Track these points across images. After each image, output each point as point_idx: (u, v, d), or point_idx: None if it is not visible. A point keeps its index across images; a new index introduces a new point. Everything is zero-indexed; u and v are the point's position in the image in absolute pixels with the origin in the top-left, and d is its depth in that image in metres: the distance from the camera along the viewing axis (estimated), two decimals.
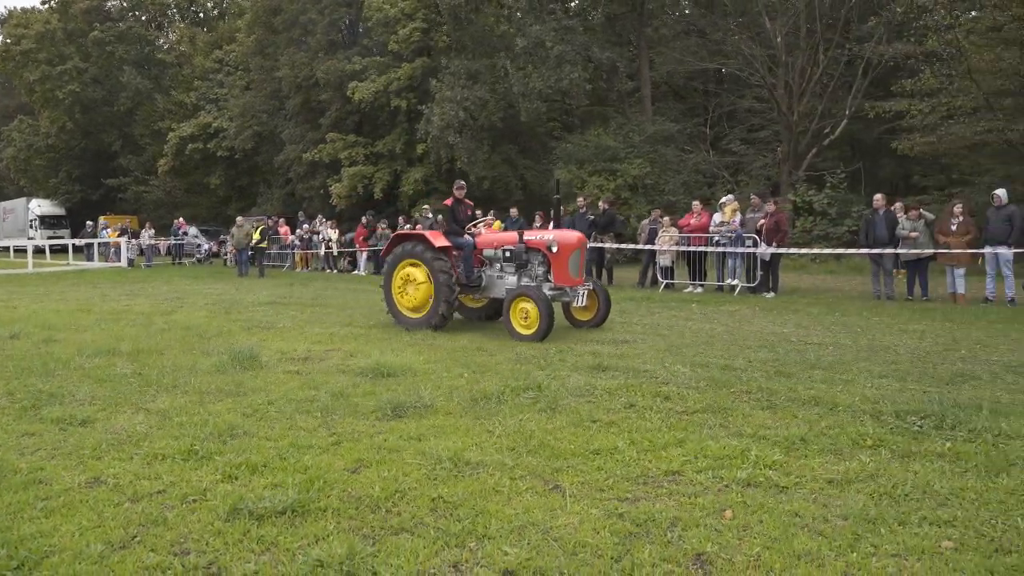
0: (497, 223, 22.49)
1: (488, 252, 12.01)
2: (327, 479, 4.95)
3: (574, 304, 11.60)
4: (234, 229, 28.25)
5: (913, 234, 15.14)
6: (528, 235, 11.70)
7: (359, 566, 3.75)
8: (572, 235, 11.58)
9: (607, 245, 19.05)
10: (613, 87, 33.90)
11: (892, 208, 16.14)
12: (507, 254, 11.66)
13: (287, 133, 41.86)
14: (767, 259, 16.31)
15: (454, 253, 11.87)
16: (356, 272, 27.33)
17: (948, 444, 5.43)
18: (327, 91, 38.62)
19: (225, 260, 35.28)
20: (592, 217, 19.36)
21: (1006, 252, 14.50)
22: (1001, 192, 15.02)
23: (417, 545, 3.99)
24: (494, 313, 12.80)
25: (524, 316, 10.67)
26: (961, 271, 15.01)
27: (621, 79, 33.08)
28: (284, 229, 32.97)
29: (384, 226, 27.03)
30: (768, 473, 4.95)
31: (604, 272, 19.46)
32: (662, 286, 18.06)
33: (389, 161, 38.02)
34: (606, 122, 33.13)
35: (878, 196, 16.24)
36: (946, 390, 7.19)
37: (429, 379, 7.95)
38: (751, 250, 16.54)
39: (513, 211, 22.45)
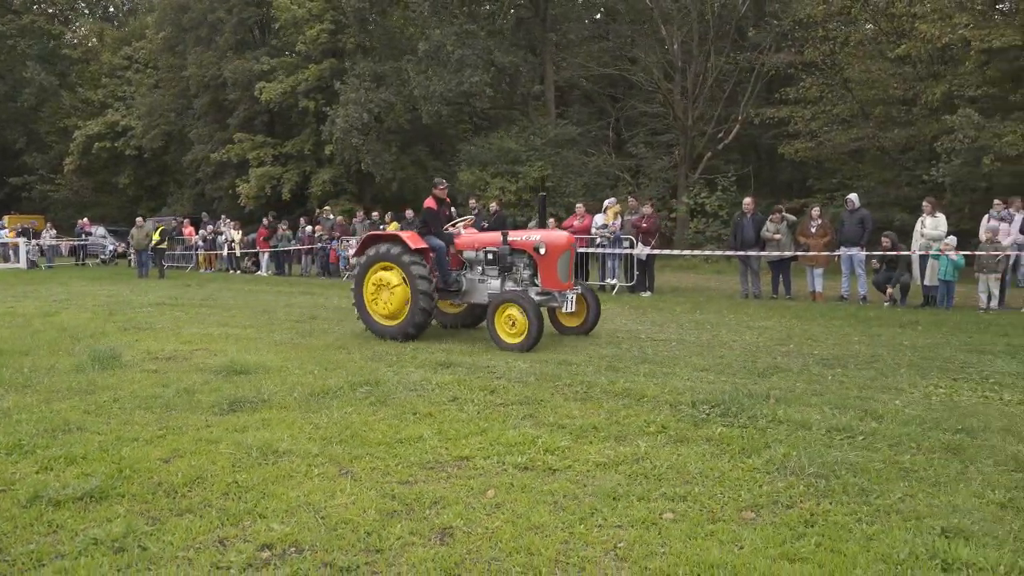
0: (394, 224, 22.82)
1: (468, 254, 11.21)
2: (136, 468, 5.25)
3: (562, 310, 10.78)
4: (134, 230, 28.00)
5: (776, 236, 15.95)
6: (513, 236, 10.88)
7: (131, 543, 4.10)
8: (561, 236, 10.86)
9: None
10: (517, 91, 34.49)
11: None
12: (490, 256, 10.90)
13: (195, 133, 41.58)
14: (644, 259, 16.97)
15: (431, 255, 11.02)
16: (259, 273, 27.34)
17: (721, 429, 5.97)
18: (235, 91, 38.51)
19: (130, 261, 34.84)
20: (485, 223, 19.77)
21: (859, 253, 15.40)
22: (853, 197, 15.96)
23: (195, 524, 4.34)
24: (474, 320, 12.16)
25: (511, 324, 9.95)
26: (819, 271, 15.93)
27: (525, 83, 33.69)
28: (189, 230, 32.75)
29: (285, 227, 27.14)
30: (547, 458, 5.40)
31: None
32: None
33: (298, 162, 38.10)
34: (510, 125, 33.72)
35: (747, 200, 17.03)
36: (751, 381, 7.78)
37: (279, 376, 8.25)
38: (627, 251, 17.19)
39: (408, 212, 22.79)
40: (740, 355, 9.50)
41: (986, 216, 15.10)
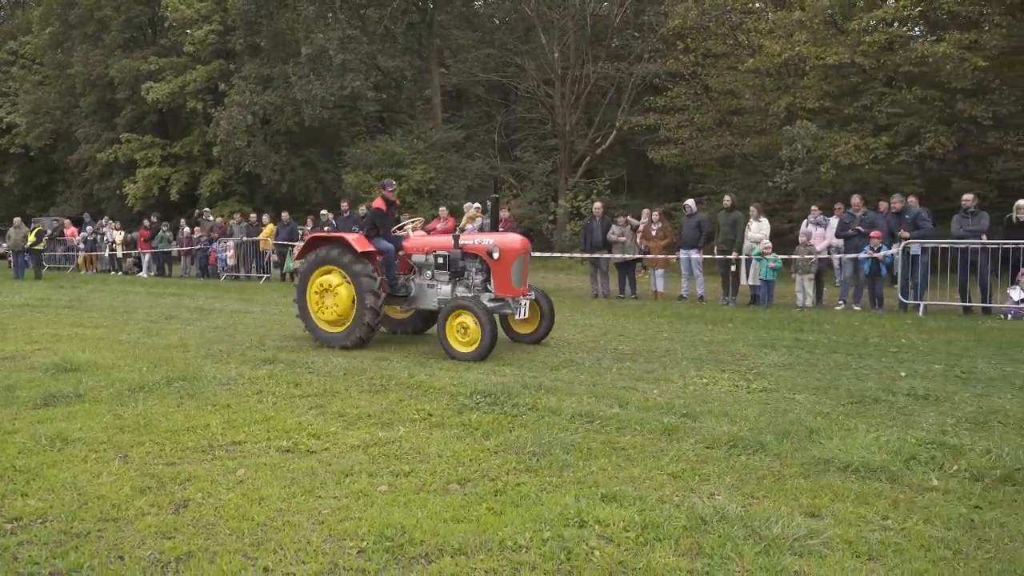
0: (269, 227, 23.16)
1: (417, 258, 10.76)
2: None
3: (515, 316, 10.33)
4: (11, 230, 27.65)
5: (621, 239, 16.91)
6: (464, 239, 10.53)
7: None
8: (515, 240, 10.49)
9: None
10: (402, 95, 35.06)
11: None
12: (440, 260, 10.46)
13: (82, 132, 40.95)
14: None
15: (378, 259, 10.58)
16: (140, 274, 27.29)
17: (478, 416, 6.68)
18: (123, 90, 38.12)
19: (10, 262, 34.24)
20: (355, 226, 20.33)
21: (696, 255, 16.47)
22: (690, 202, 17.08)
23: None
24: (422, 325, 11.86)
25: (463, 331, 9.56)
26: (660, 272, 16.96)
27: (410, 87, 34.30)
28: (71, 230, 32.39)
29: (166, 228, 27.18)
30: (310, 442, 6.01)
31: None
32: None
33: (187, 163, 37.97)
34: (398, 128, 34.28)
35: (597, 204, 18.00)
36: (540, 374, 8.53)
37: (105, 373, 8.61)
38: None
39: (284, 215, 23.17)
40: (547, 351, 10.29)
41: (804, 221, 16.32)
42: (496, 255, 10.09)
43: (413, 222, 12.00)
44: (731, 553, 3.90)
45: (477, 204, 19.08)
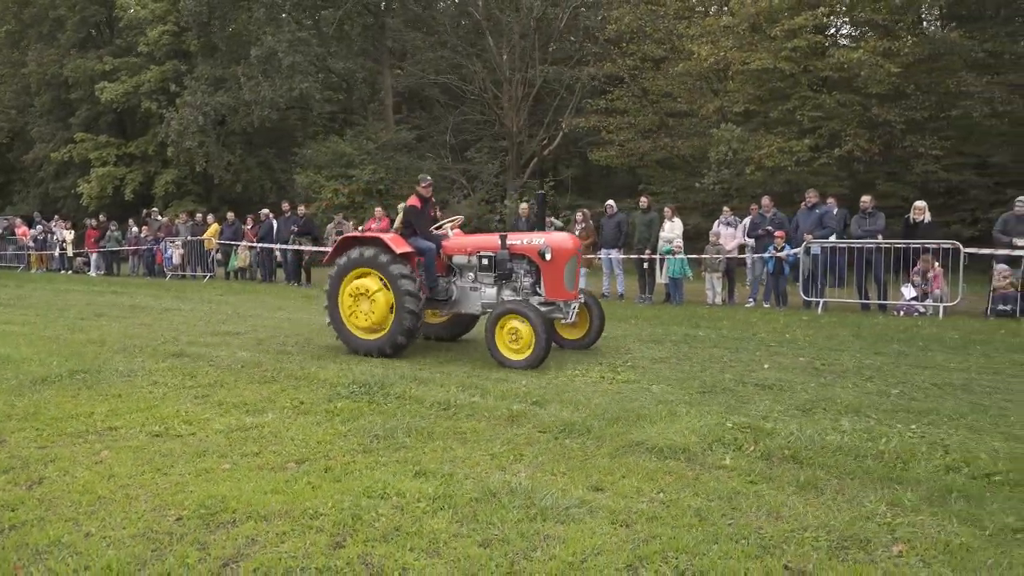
0: (214, 227, 23.51)
1: (459, 259, 10.19)
2: None
3: (563, 320, 9.82)
4: None
5: None
6: (512, 239, 9.90)
7: None
8: (567, 240, 9.94)
9: (305, 248, 20.56)
10: (354, 96, 35.49)
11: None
12: (485, 261, 9.89)
13: (36, 131, 41.02)
14: None
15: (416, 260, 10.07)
16: (89, 273, 27.52)
17: (345, 403, 7.18)
18: (77, 90, 38.26)
19: None
20: (294, 227, 20.82)
21: (616, 255, 17.05)
22: (611, 203, 17.65)
23: None
24: (459, 330, 11.29)
25: (514, 338, 9.01)
26: (583, 271, 17.49)
27: (361, 88, 34.74)
28: (22, 230, 32.49)
29: (114, 228, 27.43)
30: (180, 427, 6.48)
31: (303, 272, 20.91)
32: None
33: (142, 163, 38.15)
34: (351, 129, 34.71)
35: (523, 206, 18.52)
36: (425, 368, 9.06)
37: (16, 366, 8.99)
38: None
39: (230, 214, 23.53)
40: (447, 346, 10.82)
41: (716, 221, 16.95)
42: (548, 256, 9.49)
43: (453, 221, 11.25)
44: (496, 520, 4.42)
45: (402, 205, 19.49)
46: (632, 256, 16.94)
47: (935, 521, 4.41)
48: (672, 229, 16.28)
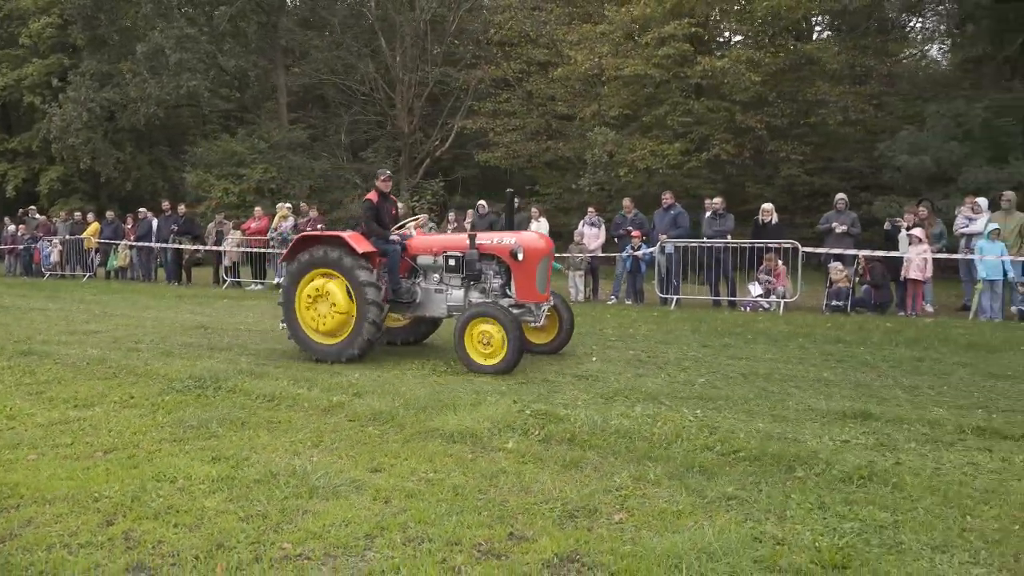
0: (94, 226, 23.24)
1: (424, 259, 9.74)
2: None
3: (532, 324, 9.43)
4: None
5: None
6: (482, 238, 9.49)
7: None
8: (540, 240, 9.62)
9: (185, 247, 20.54)
10: (246, 94, 35.34)
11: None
12: (452, 262, 9.48)
13: None
14: None
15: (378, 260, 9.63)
16: None
17: (174, 396, 7.47)
18: None
19: None
20: (174, 226, 20.78)
21: None
22: (482, 203, 18.17)
23: None
24: (420, 335, 10.88)
25: (485, 341, 8.65)
26: None
27: (255, 87, 34.60)
28: None
29: None
30: (2, 422, 6.72)
31: (184, 271, 20.88)
32: (226, 284, 19.74)
33: (26, 159, 37.23)
34: (241, 128, 34.54)
35: (400, 205, 18.86)
36: (269, 361, 9.37)
37: None
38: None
39: (109, 213, 23.29)
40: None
41: (580, 221, 17.60)
42: (520, 256, 9.10)
43: (416, 219, 10.75)
44: (264, 498, 4.79)
45: (289, 204, 19.74)
46: None
47: (667, 493, 4.92)
48: (539, 229, 16.83)
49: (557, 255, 16.60)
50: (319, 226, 18.68)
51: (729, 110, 22.31)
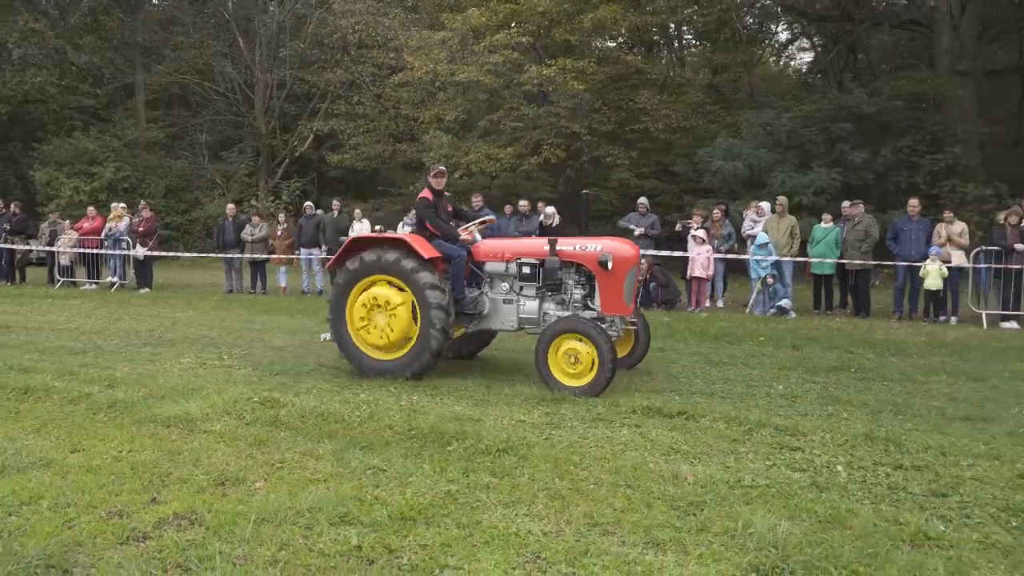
0: None
1: (493, 266, 8.82)
2: None
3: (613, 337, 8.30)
4: None
5: (249, 238, 18.30)
6: (563, 244, 8.50)
7: None
8: (627, 247, 8.56)
9: (18, 247, 20.42)
10: (100, 90, 34.89)
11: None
12: (527, 270, 8.55)
13: None
14: (141, 259, 18.68)
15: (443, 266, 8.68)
16: None
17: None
18: None
19: None
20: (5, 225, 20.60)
21: (317, 253, 18.06)
22: (309, 204, 18.78)
23: None
24: (477, 346, 10.06)
25: (572, 359, 7.84)
26: (284, 269, 18.53)
27: (108, 84, 34.21)
28: None
29: None
30: None
31: (16, 271, 20.70)
32: (59, 283, 19.71)
33: None
34: (99, 125, 34.13)
35: (230, 206, 19.31)
36: (58, 359, 9.79)
37: None
38: (125, 252, 18.89)
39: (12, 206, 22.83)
40: (122, 336, 11.60)
41: (400, 223, 18.31)
42: (610, 265, 8.16)
43: (483, 221, 9.53)
44: None
45: (123, 204, 19.87)
46: (325, 256, 17.90)
47: (321, 465, 5.56)
48: (360, 230, 17.47)
49: None
50: (141, 228, 18.73)
51: (557, 116, 23.34)
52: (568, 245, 8.44)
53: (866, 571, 3.92)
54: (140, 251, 18.54)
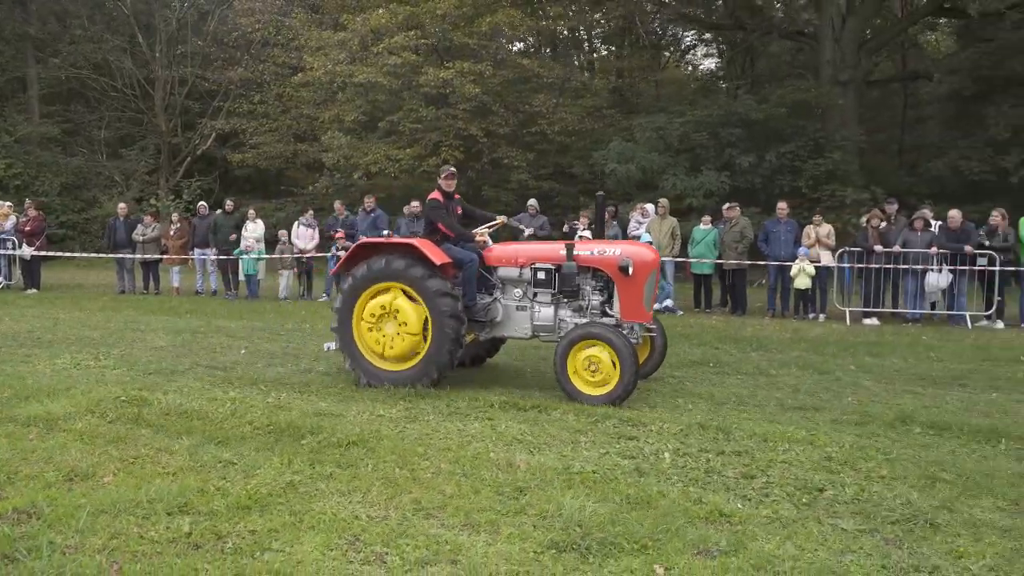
0: None
1: (506, 271, 8.55)
2: None
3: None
4: None
5: (141, 238, 18.15)
6: (580, 248, 8.27)
7: None
8: (648, 251, 8.39)
9: None
10: None
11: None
12: (542, 275, 8.30)
13: None
14: (28, 259, 18.35)
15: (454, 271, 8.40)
16: None
17: None
18: None
19: None
20: None
21: (211, 253, 17.94)
22: (203, 204, 18.81)
23: None
24: (485, 353, 9.76)
25: (592, 368, 7.58)
26: (177, 269, 18.44)
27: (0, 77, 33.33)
28: None
29: None
30: None
31: None
32: None
33: None
34: None
35: (122, 205, 19.11)
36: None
37: None
38: (11, 252, 18.55)
39: None
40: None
41: (295, 223, 18.45)
42: (631, 270, 7.89)
43: (494, 224, 9.17)
44: None
45: (9, 203, 19.48)
46: (219, 257, 17.84)
47: (173, 460, 5.71)
48: (255, 230, 17.51)
49: (269, 256, 17.47)
50: (28, 228, 18.38)
51: (455, 118, 23.66)
52: (585, 249, 8.23)
53: (654, 545, 4.31)
54: (27, 251, 18.21)
